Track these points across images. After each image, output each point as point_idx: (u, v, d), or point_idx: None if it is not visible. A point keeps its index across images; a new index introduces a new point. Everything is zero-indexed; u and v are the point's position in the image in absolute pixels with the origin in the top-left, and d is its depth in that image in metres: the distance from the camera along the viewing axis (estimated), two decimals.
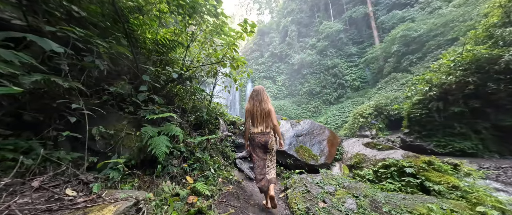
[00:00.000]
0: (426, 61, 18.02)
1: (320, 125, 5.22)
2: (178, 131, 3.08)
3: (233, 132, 5.71)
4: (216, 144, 4.13)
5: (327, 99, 25.86)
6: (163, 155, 2.71)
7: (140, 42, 3.98)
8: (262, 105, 2.56)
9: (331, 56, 27.27)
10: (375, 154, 3.94)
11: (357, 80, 25.51)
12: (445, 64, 9.22)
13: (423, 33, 19.09)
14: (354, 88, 25.37)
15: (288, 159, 4.29)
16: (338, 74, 26.37)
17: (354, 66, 26.49)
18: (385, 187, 3.07)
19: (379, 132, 15.41)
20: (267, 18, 40.15)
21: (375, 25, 25.51)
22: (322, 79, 26.89)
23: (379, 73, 22.98)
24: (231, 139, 5.17)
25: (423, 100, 10.71)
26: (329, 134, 4.94)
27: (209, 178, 3.00)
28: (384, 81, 20.88)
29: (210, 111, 4.84)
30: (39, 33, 1.97)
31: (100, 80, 3.28)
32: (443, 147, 9.33)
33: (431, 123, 10.33)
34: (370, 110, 16.24)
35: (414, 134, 10.85)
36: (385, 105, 15.84)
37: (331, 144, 4.70)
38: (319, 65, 27.44)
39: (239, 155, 4.97)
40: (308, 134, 4.82)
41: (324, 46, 27.73)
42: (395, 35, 20.94)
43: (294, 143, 4.52)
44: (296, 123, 5.16)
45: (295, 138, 4.66)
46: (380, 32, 25.71)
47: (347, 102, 23.72)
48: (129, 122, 3.20)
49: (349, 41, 27.58)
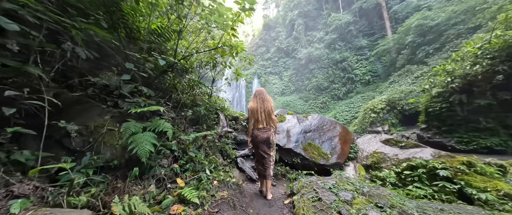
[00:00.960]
0: (444, 51, 16.76)
1: (331, 119, 4.68)
2: (167, 126, 2.67)
3: (234, 128, 5.28)
4: (214, 141, 3.71)
5: (336, 95, 24.94)
6: (147, 154, 2.31)
7: (134, 32, 3.59)
8: (265, 104, 2.81)
9: (340, 50, 26.17)
10: (397, 153, 3.38)
11: (367, 74, 24.39)
12: (471, 52, 8.30)
13: (441, 22, 17.75)
14: (364, 82, 24.27)
15: (295, 158, 3.81)
16: (347, 68, 25.31)
17: (365, 60, 25.30)
18: (413, 193, 2.54)
19: (392, 127, 14.55)
20: (273, 13, 39.13)
21: (388, 15, 24.13)
22: (330, 74, 25.92)
23: (392, 66, 21.78)
24: (232, 136, 4.74)
25: (443, 93, 9.80)
26: (341, 130, 4.40)
27: (202, 180, 2.59)
28: (397, 75, 19.74)
29: (209, 105, 4.41)
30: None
31: (87, 71, 2.93)
32: (465, 143, 8.49)
33: (452, 117, 9.45)
34: (382, 105, 15.35)
35: (433, 130, 10.00)
36: (398, 100, 14.89)
37: (344, 141, 4.17)
38: (327, 59, 26.43)
39: (241, 153, 4.54)
40: (317, 129, 4.30)
41: (332, 39, 26.64)
42: (409, 25, 19.64)
43: (302, 140, 4.02)
44: (304, 118, 4.65)
45: (302, 134, 4.16)
46: (393, 22, 24.31)
47: (357, 97, 22.74)
48: (113, 117, 2.82)
49: (359, 34, 26.32)
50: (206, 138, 3.65)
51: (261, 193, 2.95)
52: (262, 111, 2.78)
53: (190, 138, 3.00)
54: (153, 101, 2.92)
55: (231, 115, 5.55)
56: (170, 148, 2.88)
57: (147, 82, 3.61)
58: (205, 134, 3.17)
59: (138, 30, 3.59)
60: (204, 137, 3.67)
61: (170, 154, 2.82)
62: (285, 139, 4.05)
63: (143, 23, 3.67)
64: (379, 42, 24.12)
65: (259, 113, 2.78)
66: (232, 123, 5.40)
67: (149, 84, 3.75)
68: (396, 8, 23.68)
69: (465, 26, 16.07)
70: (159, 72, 3.73)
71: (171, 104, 3.50)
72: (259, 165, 2.85)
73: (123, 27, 3.38)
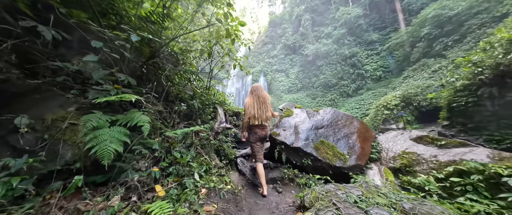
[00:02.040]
0: (465, 43, 15.39)
1: (346, 113, 3.97)
2: (144, 120, 2.10)
3: (235, 124, 4.68)
4: (209, 139, 3.13)
5: (345, 92, 23.83)
6: (111, 155, 1.75)
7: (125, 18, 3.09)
8: (260, 100, 2.84)
9: (349, 45, 24.98)
10: (435, 153, 2.66)
11: (378, 70, 23.09)
12: (505, 39, 7.26)
13: (461, 11, 16.34)
14: (375, 78, 23.00)
15: (305, 159, 3.15)
16: (356, 64, 24.10)
17: (375, 55, 23.99)
18: (467, 208, 1.84)
19: (407, 125, 13.48)
20: (279, 9, 38.16)
21: (401, 7, 22.70)
22: (338, 70, 24.80)
23: (405, 60, 20.43)
24: (232, 133, 4.15)
25: (469, 86, 8.72)
26: (359, 126, 3.69)
27: (186, 189, 2.00)
28: (411, 69, 18.45)
29: (205, 98, 3.83)
30: None
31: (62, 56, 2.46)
32: (497, 142, 7.42)
33: (481, 112, 8.38)
34: (396, 101, 14.27)
35: (457, 127, 8.96)
36: (414, 95, 13.78)
37: (363, 138, 3.46)
38: (336, 55, 25.31)
39: (241, 152, 3.93)
40: (330, 125, 3.62)
41: (341, 34, 25.47)
42: (425, 16, 18.30)
43: (313, 138, 3.36)
44: (314, 112, 3.97)
45: (313, 130, 3.49)
46: (406, 15, 22.84)
47: (368, 94, 21.56)
48: (80, 109, 2.28)
49: (369, 28, 25.00)
50: (199, 135, 3.07)
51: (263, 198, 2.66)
52: (258, 107, 2.82)
53: (179, 134, 2.42)
54: (129, 90, 2.37)
55: (232, 110, 4.95)
56: (150, 146, 2.32)
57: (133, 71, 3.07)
58: (194, 129, 2.57)
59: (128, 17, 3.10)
60: (196, 134, 3.08)
61: (150, 155, 2.26)
62: (293, 136, 3.40)
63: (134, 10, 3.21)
64: (391, 36, 22.77)
65: (255, 110, 2.81)
66: (233, 118, 4.80)
67: (134, 72, 3.22)
68: (410, 0, 22.21)
69: (489, 15, 14.64)
70: (146, 59, 3.19)
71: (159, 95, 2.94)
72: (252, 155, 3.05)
73: (112, 14, 2.91)
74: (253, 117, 2.77)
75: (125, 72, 2.93)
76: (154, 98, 2.97)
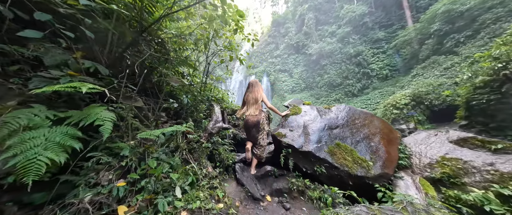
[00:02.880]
0: (479, 39, 14.46)
1: (364, 111, 3.33)
2: (105, 117, 1.53)
3: (234, 124, 4.09)
4: (200, 142, 2.54)
5: (350, 91, 23.02)
6: (42, 169, 1.19)
7: None
8: (253, 94, 3.04)
9: (354, 44, 24.18)
10: (491, 160, 2.01)
11: (385, 69, 22.23)
12: None
13: (473, 6, 15.40)
14: (382, 77, 22.15)
15: (317, 166, 2.53)
16: (362, 63, 23.28)
17: (382, 53, 23.13)
18: None
19: (418, 125, 12.65)
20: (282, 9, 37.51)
21: (408, 4, 21.80)
22: (343, 69, 24.01)
23: (413, 58, 19.54)
24: (230, 134, 3.56)
25: (491, 82, 7.95)
26: (381, 125, 3.05)
27: (159, 213, 1.42)
28: (420, 67, 17.56)
29: (199, 93, 3.26)
30: None
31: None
32: None
33: (504, 111, 7.63)
34: (406, 100, 13.45)
35: (477, 127, 8.19)
36: (426, 94, 12.95)
37: (388, 140, 2.82)
38: (340, 54, 24.53)
39: (240, 156, 3.33)
40: (347, 125, 2.99)
41: (345, 32, 24.69)
42: (435, 11, 17.40)
43: (326, 140, 2.74)
44: (326, 110, 3.34)
45: (326, 131, 2.87)
46: (414, 11, 21.97)
47: (374, 93, 20.72)
48: (24, 102, 1.73)
49: (375, 26, 24.15)
50: (187, 136, 2.49)
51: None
52: (251, 98, 3.03)
53: (155, 136, 1.84)
54: (90, 78, 1.81)
55: (231, 108, 4.36)
56: (117, 152, 1.75)
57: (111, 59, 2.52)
58: (180, 129, 1.99)
59: None
60: (184, 136, 2.51)
61: (116, 164, 1.69)
62: (302, 138, 2.78)
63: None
64: (398, 34, 21.90)
65: (248, 100, 3.05)
66: (231, 117, 4.22)
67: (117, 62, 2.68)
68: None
69: (505, 9, 13.70)
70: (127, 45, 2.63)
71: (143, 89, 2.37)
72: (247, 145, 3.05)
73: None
74: (246, 106, 3.07)
75: (101, 60, 2.39)
76: (133, 92, 2.42)
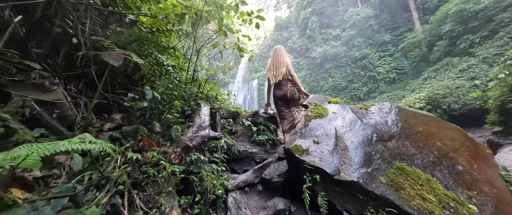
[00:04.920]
0: (498, 39, 13.20)
1: (418, 111, 2.21)
2: None
3: (231, 130, 2.96)
4: (160, 164, 1.43)
5: (356, 95, 21.79)
6: None
7: None
8: (278, 59, 2.75)
9: (359, 47, 23.10)
10: None
11: (392, 72, 21.01)
12: None
13: (488, 5, 14.18)
14: (389, 81, 20.90)
15: (371, 209, 1.36)
16: (368, 66, 22.12)
17: (388, 56, 21.97)
18: None
19: None
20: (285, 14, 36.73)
21: (415, 6, 20.74)
22: (349, 73, 22.87)
23: (423, 61, 18.29)
24: (222, 145, 2.43)
25: None
26: (455, 134, 1.89)
27: None
28: (432, 70, 16.27)
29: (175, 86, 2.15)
30: None
31: None
32: None
33: None
34: (420, 104, 12.16)
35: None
36: (443, 97, 11.66)
37: (479, 160, 1.65)
38: (345, 57, 23.44)
39: (238, 180, 2.20)
40: (405, 134, 1.83)
41: (350, 36, 23.65)
42: (446, 12, 16.25)
43: (379, 160, 1.58)
44: (363, 111, 2.20)
45: (377, 144, 1.71)
46: (421, 14, 20.83)
47: (382, 97, 19.42)
48: None
49: (381, 28, 23.09)
50: (143, 154, 1.37)
51: None
52: (276, 65, 2.71)
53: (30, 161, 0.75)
54: None
55: (227, 110, 3.24)
56: None
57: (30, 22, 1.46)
58: (95, 149, 0.89)
59: None
60: (139, 152, 1.39)
61: None
62: (336, 156, 1.64)
63: None
64: (405, 36, 20.75)
65: (272, 69, 2.72)
66: (228, 122, 3.09)
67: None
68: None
69: None
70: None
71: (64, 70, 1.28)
72: (284, 124, 2.67)
73: None
74: (272, 76, 2.70)
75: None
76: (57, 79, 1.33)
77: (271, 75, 2.70)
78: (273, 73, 2.67)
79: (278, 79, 2.62)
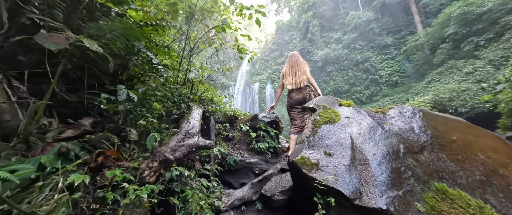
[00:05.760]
0: (504, 41, 12.83)
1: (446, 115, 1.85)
2: None
3: (227, 137, 2.61)
4: (141, 179, 1.09)
5: (358, 98, 21.37)
6: None
7: None
8: (297, 66, 2.75)
9: (361, 50, 22.82)
10: None
11: (394, 75, 20.64)
12: None
13: (493, 7, 13.87)
14: (392, 84, 20.51)
15: None
16: (370, 69, 21.78)
17: (390, 59, 21.64)
18: None
19: None
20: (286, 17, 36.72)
21: (416, 9, 20.51)
22: (350, 76, 22.54)
23: (426, 63, 17.92)
24: (216, 154, 2.08)
25: None
26: (493, 142, 1.54)
27: None
28: (436, 73, 15.91)
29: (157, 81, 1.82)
30: None
31: None
32: None
33: None
34: (426, 107, 11.73)
35: None
36: (449, 101, 11.25)
37: None
38: (347, 60, 23.16)
39: (234, 197, 1.84)
40: (438, 144, 1.47)
41: (352, 39, 23.42)
42: (449, 15, 15.95)
43: (408, 177, 1.22)
44: (381, 115, 1.86)
45: (406, 157, 1.35)
46: (423, 17, 20.57)
47: (385, 101, 19.01)
48: None
49: (382, 31, 22.84)
50: (103, 175, 1.03)
51: None
52: (296, 72, 2.72)
53: None
54: None
55: (224, 114, 2.90)
56: None
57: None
58: None
59: None
60: (98, 170, 1.04)
61: None
62: (354, 174, 1.28)
63: None
64: (407, 39, 20.46)
65: (291, 75, 2.73)
66: (224, 126, 2.74)
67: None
68: (427, 1, 20.05)
69: None
70: None
71: None
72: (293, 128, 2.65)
73: None
74: (289, 83, 2.71)
75: None
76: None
77: (288, 82, 2.71)
78: (292, 80, 2.69)
79: (299, 86, 2.66)
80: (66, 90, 1.90)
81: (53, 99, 1.60)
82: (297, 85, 2.64)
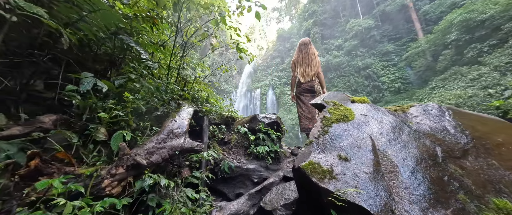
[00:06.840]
0: (508, 47, 12.58)
1: (490, 117, 1.56)
2: None
3: (222, 140, 2.31)
4: (99, 189, 0.80)
5: None
6: None
7: None
8: (310, 56, 2.67)
9: (362, 56, 22.75)
10: None
11: (397, 82, 20.38)
12: None
13: (495, 14, 13.75)
14: (394, 90, 20.20)
15: None
16: (371, 76, 21.59)
17: (392, 66, 21.46)
18: None
19: None
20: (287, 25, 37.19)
21: (417, 16, 20.55)
22: (352, 82, 22.34)
23: (428, 70, 17.66)
24: (209, 159, 1.78)
25: None
26: None
27: None
28: (439, 79, 15.61)
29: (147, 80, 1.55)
30: None
31: None
32: None
33: None
34: None
35: None
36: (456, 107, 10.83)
37: None
38: (348, 67, 23.04)
39: (228, 210, 1.52)
40: (482, 148, 1.16)
41: (353, 46, 23.41)
42: (450, 21, 15.86)
43: (456, 190, 0.91)
44: (401, 113, 1.56)
45: (445, 164, 1.04)
46: (423, 24, 20.55)
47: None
48: None
49: (383, 39, 22.84)
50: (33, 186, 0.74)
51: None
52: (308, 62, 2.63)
53: None
54: None
55: (219, 114, 2.62)
56: None
57: None
58: None
59: None
60: (33, 177, 0.75)
61: None
62: (380, 184, 0.97)
63: None
64: (408, 46, 20.35)
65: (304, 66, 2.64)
66: (219, 128, 2.45)
67: None
68: (427, 9, 20.12)
69: None
70: None
71: None
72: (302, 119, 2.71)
73: None
74: (299, 70, 2.63)
75: None
76: None
77: (300, 73, 2.63)
78: (304, 71, 2.59)
79: (311, 78, 2.57)
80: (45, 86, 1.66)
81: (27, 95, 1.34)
82: (309, 78, 2.58)
